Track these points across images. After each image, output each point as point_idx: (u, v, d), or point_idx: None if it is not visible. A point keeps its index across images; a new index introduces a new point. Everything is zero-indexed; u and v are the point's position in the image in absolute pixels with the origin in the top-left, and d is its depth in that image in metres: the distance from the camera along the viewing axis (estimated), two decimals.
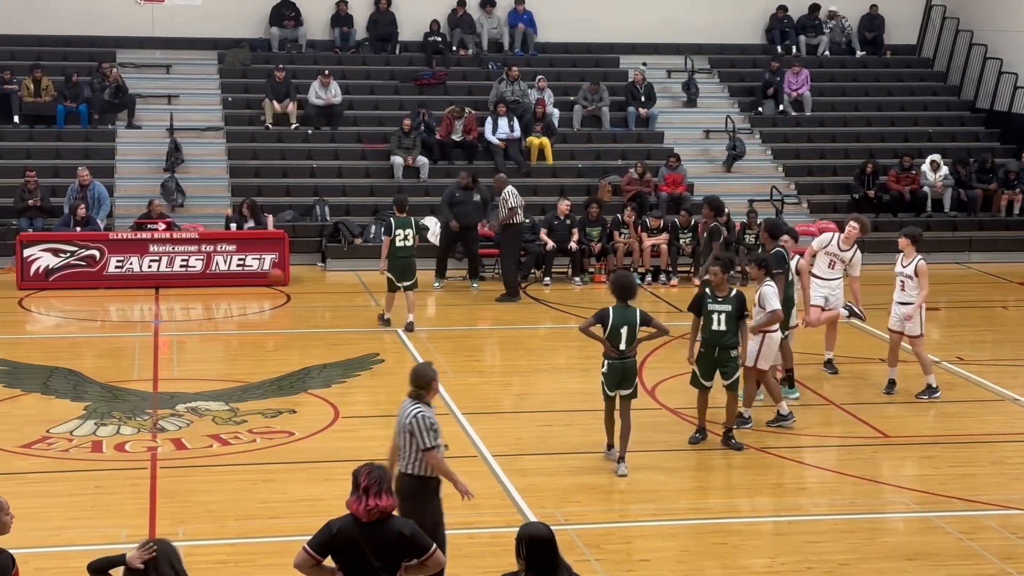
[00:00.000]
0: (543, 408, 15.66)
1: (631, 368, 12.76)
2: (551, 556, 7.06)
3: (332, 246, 24.02)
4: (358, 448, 13.43)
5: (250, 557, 10.87)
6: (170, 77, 28.02)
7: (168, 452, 13.49)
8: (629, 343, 12.64)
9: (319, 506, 11.48)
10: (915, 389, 16.13)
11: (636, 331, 12.65)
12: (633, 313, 12.66)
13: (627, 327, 12.60)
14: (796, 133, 28.61)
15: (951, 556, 11.00)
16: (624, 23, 30.11)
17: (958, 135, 29.02)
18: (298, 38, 28.99)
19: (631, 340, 12.64)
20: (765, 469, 13.17)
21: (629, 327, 12.60)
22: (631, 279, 13.11)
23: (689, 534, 11.38)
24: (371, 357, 17.36)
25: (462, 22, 29.43)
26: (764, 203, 25.65)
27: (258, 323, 20.56)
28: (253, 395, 15.62)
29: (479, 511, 11.92)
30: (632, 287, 12.87)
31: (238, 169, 25.80)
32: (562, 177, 26.40)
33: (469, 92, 28.09)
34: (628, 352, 12.67)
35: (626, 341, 12.63)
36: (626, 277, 13.13)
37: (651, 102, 28.13)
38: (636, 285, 13.15)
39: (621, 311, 12.66)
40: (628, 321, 12.61)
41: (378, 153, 26.38)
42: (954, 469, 13.44)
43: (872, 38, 31.00)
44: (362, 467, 7.46)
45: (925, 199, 26.33)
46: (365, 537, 7.34)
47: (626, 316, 12.63)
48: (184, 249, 22.37)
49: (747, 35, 31.12)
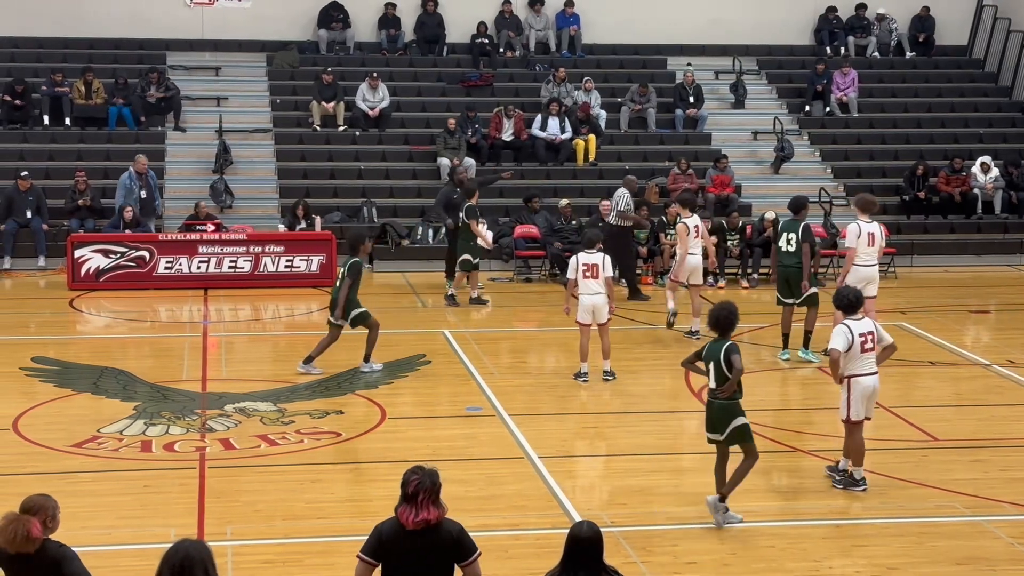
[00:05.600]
0: (589, 410, 15.63)
1: (719, 411, 11.39)
2: (593, 557, 7.04)
3: (379, 247, 24.09)
4: (405, 449, 13.46)
5: (297, 557, 10.90)
6: (219, 79, 28.20)
7: (216, 452, 13.56)
8: (718, 381, 11.32)
9: (366, 507, 11.53)
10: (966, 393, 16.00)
11: (723, 369, 11.27)
12: (719, 348, 11.32)
13: (714, 363, 11.33)
14: (845, 135, 28.45)
15: (1001, 560, 10.90)
16: (671, 24, 30.06)
17: (1009, 136, 28.75)
18: (346, 40, 29.10)
19: (720, 378, 11.31)
20: (813, 472, 13.09)
21: (716, 363, 11.32)
22: (726, 311, 11.43)
23: (736, 537, 11.32)
24: (418, 358, 17.39)
25: (509, 23, 29.46)
26: (812, 205, 25.46)
27: (305, 324, 20.64)
28: (300, 396, 15.68)
29: (525, 513, 11.93)
30: (723, 320, 11.39)
31: (286, 171, 25.93)
32: (609, 179, 26.34)
33: (516, 93, 28.11)
34: (717, 392, 11.37)
35: (715, 379, 11.34)
36: (719, 309, 11.49)
37: (699, 103, 28.06)
38: (733, 318, 11.42)
39: (714, 345, 11.39)
40: (715, 357, 11.32)
41: (425, 155, 26.44)
42: (1004, 473, 13.31)
43: (923, 39, 30.77)
44: (411, 473, 7.37)
45: (976, 201, 26.10)
46: (412, 543, 7.34)
47: (715, 351, 11.34)
48: (232, 250, 22.51)
49: (795, 36, 30.98)
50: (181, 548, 6.68)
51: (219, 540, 10.75)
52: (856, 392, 12.16)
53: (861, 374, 12.15)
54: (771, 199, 25.80)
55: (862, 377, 12.15)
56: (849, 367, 12.13)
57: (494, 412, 15.08)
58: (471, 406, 15.37)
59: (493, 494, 12.41)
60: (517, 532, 11.32)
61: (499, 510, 11.91)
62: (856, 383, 12.16)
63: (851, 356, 12.08)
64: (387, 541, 7.39)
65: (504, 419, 14.77)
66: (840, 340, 12.06)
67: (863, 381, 12.15)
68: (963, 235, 25.31)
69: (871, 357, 12.18)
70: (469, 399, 15.68)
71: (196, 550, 6.68)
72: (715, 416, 11.45)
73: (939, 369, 16.99)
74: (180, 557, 6.62)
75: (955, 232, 25.69)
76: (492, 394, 15.74)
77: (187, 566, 6.60)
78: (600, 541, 7.14)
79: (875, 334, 12.18)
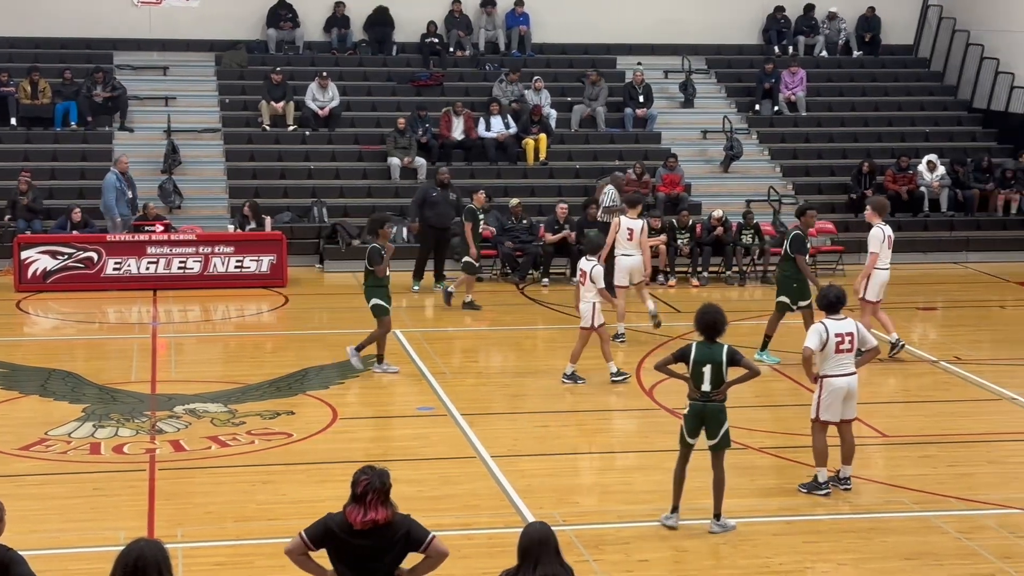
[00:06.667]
0: (541, 409, 15.66)
1: (714, 413, 11.31)
2: (548, 555, 7.07)
3: (330, 247, 24.03)
4: (356, 449, 13.45)
5: (249, 559, 10.87)
6: (167, 79, 28.02)
7: (166, 454, 13.49)
8: (715, 384, 11.25)
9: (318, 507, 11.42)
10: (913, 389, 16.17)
11: (723, 371, 11.25)
12: (719, 351, 11.27)
13: (711, 366, 11.21)
14: (793, 133, 28.63)
15: (949, 555, 11.01)
16: (621, 24, 30.13)
17: (955, 135, 29.04)
18: (295, 39, 28.99)
19: (717, 381, 11.26)
20: (763, 470, 13.18)
21: (714, 366, 11.21)
22: (717, 315, 11.39)
23: (687, 535, 11.38)
24: (369, 359, 17.35)
25: (459, 23, 29.45)
26: (761, 203, 25.68)
27: (256, 325, 20.57)
28: (251, 396, 15.62)
29: (477, 512, 11.94)
30: (718, 323, 11.34)
31: (235, 171, 25.81)
32: (559, 178, 26.42)
33: (466, 93, 28.10)
34: (713, 394, 11.30)
35: (711, 382, 11.25)
36: (711, 313, 11.41)
37: (649, 103, 28.15)
38: (724, 321, 11.42)
39: (706, 348, 11.30)
40: (713, 359, 11.22)
41: (375, 154, 26.39)
42: (952, 468, 13.45)
43: (870, 39, 31.01)
44: (361, 473, 7.39)
45: (922, 199, 26.34)
46: (360, 541, 7.34)
47: (711, 354, 11.26)
48: (182, 251, 22.37)
49: (744, 35, 31.14)
50: (135, 548, 6.61)
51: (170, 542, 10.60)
52: (828, 393, 12.16)
53: (835, 375, 12.13)
54: (720, 198, 25.95)
55: (835, 378, 12.13)
56: (823, 367, 12.15)
57: (446, 412, 15.09)
58: (423, 406, 15.37)
59: (445, 494, 12.42)
60: (469, 532, 11.33)
61: (451, 510, 11.91)
62: (829, 383, 12.16)
63: (825, 356, 12.10)
64: (335, 536, 7.38)
65: (456, 419, 14.77)
66: (814, 339, 12.08)
67: (836, 382, 12.14)
68: (910, 233, 25.51)
69: (848, 358, 12.17)
70: (421, 399, 15.68)
71: (151, 550, 6.62)
72: (709, 418, 11.32)
73: (887, 366, 17.13)
74: (134, 557, 6.56)
75: (902, 230, 25.84)
76: (444, 394, 15.74)
77: (141, 566, 6.54)
78: (553, 538, 7.16)
79: (855, 336, 12.17)
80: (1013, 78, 28.65)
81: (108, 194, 22.94)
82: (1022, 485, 12.75)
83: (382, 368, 16.69)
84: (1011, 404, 15.71)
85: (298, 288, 22.32)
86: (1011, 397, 15.92)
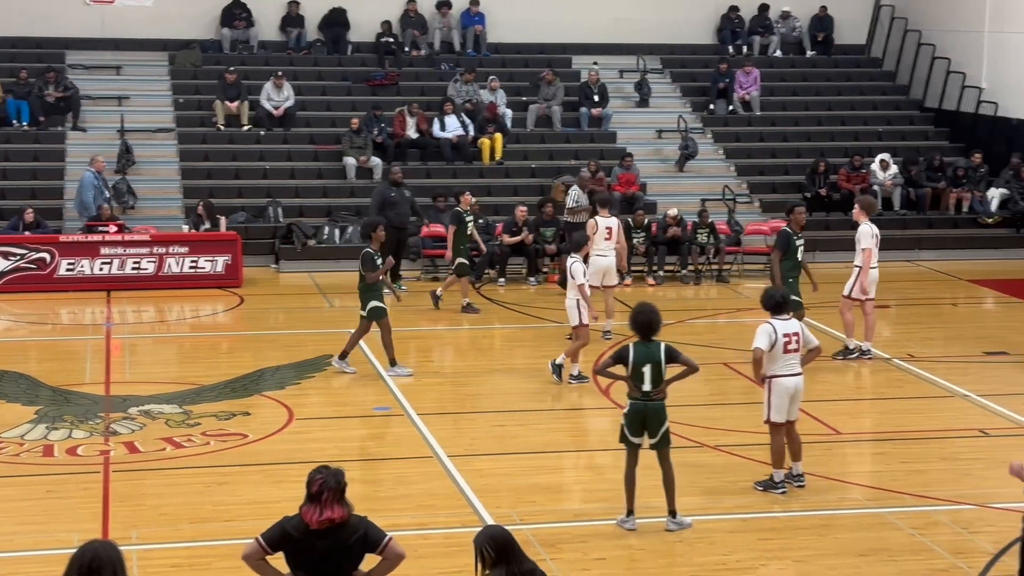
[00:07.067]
0: (498, 408, 15.67)
1: (656, 412, 11.36)
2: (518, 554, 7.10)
3: (285, 247, 23.95)
4: (312, 450, 13.40)
5: (205, 560, 10.82)
6: (120, 78, 27.83)
7: (121, 455, 13.41)
8: (655, 383, 11.30)
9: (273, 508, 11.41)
10: (866, 385, 16.30)
11: (662, 370, 11.34)
12: (657, 349, 11.33)
13: (651, 365, 11.27)
14: (748, 133, 28.76)
15: (902, 551, 11.10)
16: (576, 23, 30.18)
17: (907, 134, 29.26)
18: (249, 39, 28.87)
19: (656, 380, 11.31)
20: (718, 468, 13.24)
21: (653, 365, 11.28)
22: (652, 314, 11.42)
23: (644, 533, 11.41)
24: (325, 359, 17.30)
25: (414, 22, 29.41)
26: (716, 202, 25.79)
27: (211, 325, 20.48)
28: (206, 397, 15.55)
29: (434, 512, 11.93)
30: (653, 323, 11.38)
31: (190, 171, 25.67)
32: (515, 177, 26.43)
33: (422, 92, 28.07)
34: (654, 394, 11.34)
35: (651, 381, 11.29)
36: (647, 313, 11.43)
37: (604, 102, 28.22)
38: (659, 319, 11.46)
39: (643, 348, 11.34)
40: (651, 359, 11.29)
41: (330, 154, 26.32)
42: (905, 465, 13.56)
43: (822, 38, 31.20)
44: (316, 472, 7.39)
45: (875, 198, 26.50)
46: (317, 543, 7.33)
47: (649, 353, 11.32)
48: (136, 251, 22.24)
49: (699, 35, 31.25)
50: (90, 549, 6.58)
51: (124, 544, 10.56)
52: (777, 393, 12.22)
53: (782, 375, 12.18)
54: (676, 197, 26.02)
55: (783, 378, 12.18)
56: (771, 367, 12.19)
57: (402, 412, 15.07)
58: (379, 406, 15.35)
59: (402, 494, 12.41)
60: (426, 532, 11.32)
61: (408, 510, 11.91)
62: (777, 384, 12.21)
63: (774, 356, 12.15)
64: (292, 538, 7.37)
65: (412, 418, 14.76)
66: (763, 340, 12.11)
67: (784, 382, 12.19)
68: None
69: (795, 358, 12.22)
70: (377, 399, 15.65)
71: (106, 551, 6.60)
72: (651, 417, 11.37)
73: (841, 363, 17.25)
74: (89, 558, 6.53)
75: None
76: (400, 394, 15.72)
77: (96, 567, 6.50)
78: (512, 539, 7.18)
79: (800, 336, 12.23)
80: (964, 77, 28.90)
81: (86, 192, 22.92)
82: (974, 481, 12.87)
83: (394, 371, 16.55)
84: (963, 401, 15.84)
85: (253, 288, 22.23)
86: (963, 394, 16.06)
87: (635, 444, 11.48)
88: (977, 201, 26.82)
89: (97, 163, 23.45)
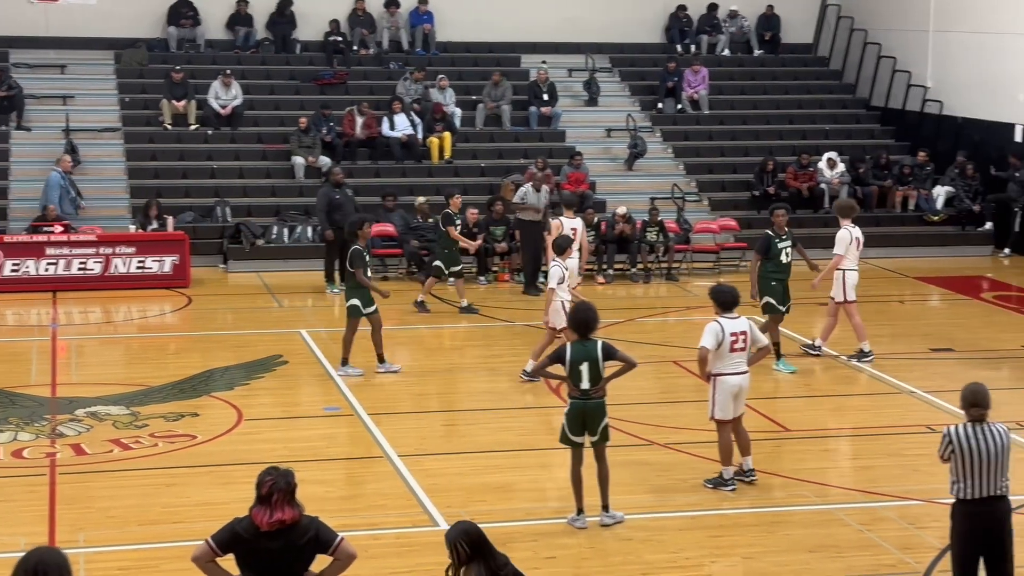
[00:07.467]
0: (448, 408, 15.65)
1: (595, 410, 11.40)
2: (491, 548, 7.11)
3: (233, 247, 23.82)
4: (262, 451, 13.34)
5: (153, 563, 10.75)
6: (65, 77, 27.58)
7: (67, 458, 13.29)
8: (593, 381, 11.32)
9: (222, 510, 11.36)
10: (815, 382, 16.41)
11: (600, 368, 11.35)
12: (594, 347, 11.34)
13: (588, 363, 11.28)
14: (696, 131, 28.88)
15: (850, 547, 11.18)
16: (525, 22, 30.20)
17: (854, 133, 29.48)
18: (196, 38, 28.69)
19: (595, 378, 11.32)
20: (668, 465, 13.28)
21: (590, 363, 11.29)
22: (589, 312, 11.47)
23: (594, 531, 11.43)
24: (274, 359, 17.24)
25: (363, 21, 29.33)
26: (666, 201, 25.88)
27: (159, 326, 20.34)
28: (154, 399, 15.44)
29: (385, 512, 11.91)
30: (590, 321, 11.41)
31: (136, 170, 25.48)
32: (464, 176, 26.41)
33: (370, 92, 28.00)
34: (592, 392, 11.38)
35: (589, 379, 11.30)
36: (583, 311, 11.51)
37: (553, 101, 28.25)
38: (596, 318, 11.48)
39: (581, 347, 11.34)
40: (589, 357, 11.30)
41: (279, 153, 26.21)
42: (853, 462, 13.67)
43: (769, 37, 31.38)
44: (265, 474, 7.35)
45: (823, 196, 26.70)
46: (268, 544, 7.29)
47: (586, 351, 11.33)
48: (82, 252, 22.06)
49: (647, 34, 31.34)
50: (35, 554, 6.52)
51: (71, 547, 10.53)
52: (721, 390, 12.27)
53: (728, 373, 12.23)
54: (625, 195, 26.09)
55: (728, 376, 12.23)
56: (717, 365, 12.24)
57: (352, 412, 15.03)
58: (329, 406, 15.30)
59: (352, 494, 12.38)
60: (377, 532, 11.29)
61: (359, 510, 11.88)
62: (722, 382, 12.25)
63: (720, 354, 12.20)
64: (242, 540, 7.33)
65: (363, 418, 14.72)
66: (710, 339, 12.15)
67: (728, 380, 12.24)
68: (811, 229, 25.78)
69: (741, 357, 12.28)
70: (327, 399, 15.61)
71: (51, 556, 6.54)
72: (590, 416, 11.41)
73: (789, 360, 17.33)
74: (33, 563, 6.46)
75: (803, 226, 26.16)
76: (350, 394, 15.68)
77: (42, 571, 6.44)
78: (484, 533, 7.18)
79: (748, 334, 12.28)
80: (910, 76, 29.15)
81: (52, 192, 22.83)
82: (921, 477, 12.97)
83: (384, 368, 16.59)
84: (909, 398, 15.98)
85: (201, 289, 22.10)
86: (909, 391, 16.19)
87: (577, 443, 11.52)
88: (923, 199, 27.08)
89: (64, 163, 23.30)
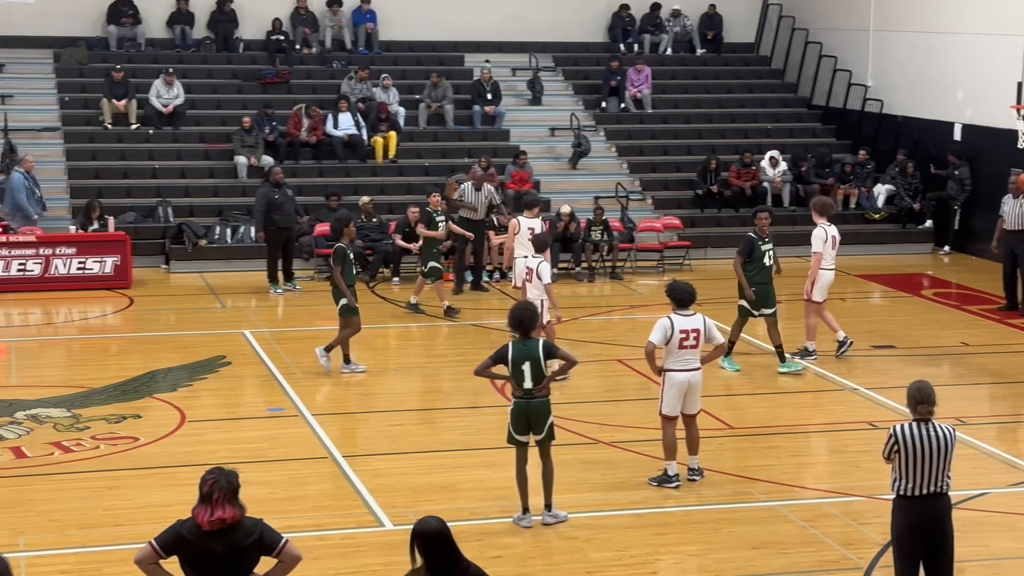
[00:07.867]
0: (392, 408, 15.62)
1: (539, 409, 11.43)
2: (447, 550, 7.07)
3: (176, 248, 23.65)
4: (205, 452, 13.26)
5: (95, 566, 10.65)
6: (4, 76, 27.28)
7: (7, 461, 13.16)
8: (535, 381, 11.33)
9: (165, 512, 11.28)
10: (758, 381, 16.51)
11: (542, 366, 11.35)
12: (535, 346, 11.35)
13: (530, 363, 11.29)
14: (640, 130, 28.97)
15: (794, 543, 11.26)
16: (468, 21, 30.19)
17: (796, 131, 29.68)
18: (136, 36, 28.46)
19: (537, 377, 11.33)
20: (613, 463, 13.32)
21: (532, 362, 11.30)
22: (524, 311, 11.47)
23: (538, 530, 11.45)
24: (218, 360, 17.14)
25: (305, 20, 29.20)
26: (610, 200, 25.95)
27: (100, 327, 20.16)
28: (96, 400, 15.31)
29: (330, 513, 11.87)
30: (526, 320, 11.38)
31: (77, 170, 25.25)
32: (409, 176, 26.37)
33: (313, 91, 27.90)
34: (535, 391, 11.38)
35: (531, 379, 11.32)
36: (523, 310, 11.49)
37: (497, 100, 28.25)
38: (534, 317, 11.48)
39: (522, 346, 11.34)
40: (530, 356, 11.30)
41: (222, 153, 26.05)
42: (796, 458, 13.76)
43: (712, 37, 31.54)
44: (208, 474, 7.34)
45: (765, 194, 26.88)
46: (211, 544, 7.26)
47: (528, 351, 11.33)
48: (21, 252, 21.83)
49: (590, 33, 31.42)
50: None
51: (11, 552, 10.43)
52: (669, 387, 12.32)
53: (676, 369, 12.28)
54: (569, 194, 26.14)
55: (676, 372, 12.28)
56: (666, 361, 12.30)
57: (297, 412, 14.97)
58: (273, 407, 15.23)
59: (297, 495, 12.32)
60: (322, 532, 11.25)
61: (303, 511, 11.83)
62: (670, 378, 12.31)
63: (669, 350, 12.25)
64: (186, 541, 7.29)
65: (307, 419, 14.67)
66: (657, 334, 12.21)
67: (676, 376, 12.28)
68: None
69: (692, 354, 12.30)
70: (271, 400, 15.54)
71: None
72: (535, 415, 11.44)
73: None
74: None
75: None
76: (294, 394, 15.62)
77: None
78: (448, 532, 7.14)
79: (702, 332, 12.29)
80: (850, 75, 29.39)
81: (19, 194, 22.55)
82: (863, 473, 13.08)
83: (350, 368, 16.51)
84: (852, 395, 16.11)
85: (143, 290, 21.93)
86: (852, 388, 16.33)
87: (522, 443, 11.55)
88: (864, 197, 27.32)
89: (27, 163, 22.99)
